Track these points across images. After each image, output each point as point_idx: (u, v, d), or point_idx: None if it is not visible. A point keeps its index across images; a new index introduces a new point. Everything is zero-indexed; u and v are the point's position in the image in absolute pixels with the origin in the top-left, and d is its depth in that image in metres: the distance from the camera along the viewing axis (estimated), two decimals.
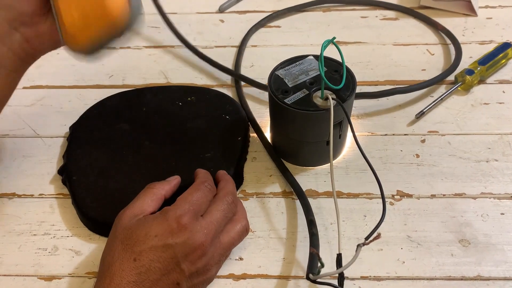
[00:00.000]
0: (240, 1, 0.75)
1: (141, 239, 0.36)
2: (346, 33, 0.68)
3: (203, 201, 0.40)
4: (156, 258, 0.36)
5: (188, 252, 0.37)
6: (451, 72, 0.59)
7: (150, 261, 0.36)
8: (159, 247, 0.36)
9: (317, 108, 0.45)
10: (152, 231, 0.37)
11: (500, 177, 0.50)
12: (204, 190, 0.41)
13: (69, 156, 0.51)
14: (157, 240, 0.36)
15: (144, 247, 0.36)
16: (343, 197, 0.49)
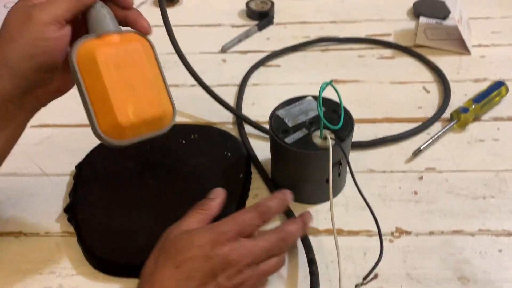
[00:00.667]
0: (242, 42, 0.78)
1: (185, 249, 0.38)
2: (344, 72, 0.70)
3: (249, 224, 0.41)
4: (196, 267, 0.38)
5: (226, 267, 0.38)
6: (440, 115, 0.62)
7: (190, 270, 0.37)
8: (201, 257, 0.38)
9: (317, 147, 0.47)
10: (196, 241, 0.39)
11: (497, 213, 0.50)
12: (253, 214, 0.41)
13: (75, 194, 0.52)
14: (199, 251, 0.38)
15: (187, 255, 0.38)
16: (343, 234, 0.49)
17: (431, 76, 0.69)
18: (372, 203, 0.52)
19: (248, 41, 0.78)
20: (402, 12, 0.83)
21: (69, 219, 0.51)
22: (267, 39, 0.78)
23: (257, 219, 0.41)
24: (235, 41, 0.77)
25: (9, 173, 0.57)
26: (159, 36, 0.79)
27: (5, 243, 0.50)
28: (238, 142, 0.58)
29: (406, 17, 0.82)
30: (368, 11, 0.83)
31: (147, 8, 0.87)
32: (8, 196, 0.55)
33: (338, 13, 0.83)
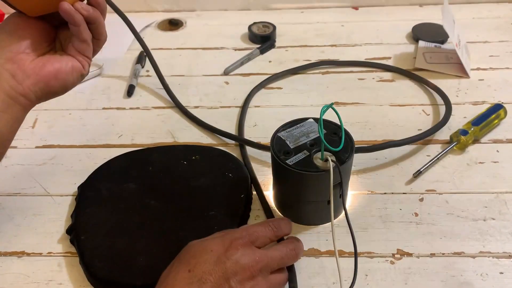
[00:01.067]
0: (244, 65, 0.79)
1: (198, 253, 0.40)
2: (345, 94, 0.71)
3: (261, 235, 0.43)
4: (208, 270, 0.39)
5: (238, 271, 0.40)
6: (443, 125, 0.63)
7: (203, 273, 0.39)
8: (213, 261, 0.40)
9: (318, 169, 0.47)
10: (209, 246, 0.41)
11: (498, 236, 0.51)
12: (266, 227, 0.44)
13: (77, 215, 0.52)
14: (212, 254, 0.40)
15: (199, 259, 0.40)
16: (345, 256, 0.50)
17: (430, 99, 0.70)
18: (373, 225, 0.52)
19: (250, 64, 0.79)
20: (401, 36, 0.84)
21: (71, 240, 0.51)
22: (269, 62, 0.80)
23: (269, 232, 0.44)
24: (238, 64, 0.78)
25: (13, 193, 0.58)
26: (163, 58, 0.81)
27: (8, 263, 0.50)
28: (239, 162, 0.58)
29: (405, 41, 0.83)
30: (368, 35, 0.85)
31: (150, 32, 0.89)
32: (12, 215, 0.55)
33: (339, 37, 0.85)
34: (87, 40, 0.47)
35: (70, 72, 0.47)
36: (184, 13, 0.94)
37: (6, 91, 0.44)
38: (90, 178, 0.57)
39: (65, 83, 0.47)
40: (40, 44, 0.46)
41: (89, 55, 0.48)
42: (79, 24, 0.45)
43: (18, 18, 0.46)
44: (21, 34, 0.45)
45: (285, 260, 0.44)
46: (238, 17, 0.92)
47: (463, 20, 0.86)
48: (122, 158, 0.60)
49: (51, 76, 0.46)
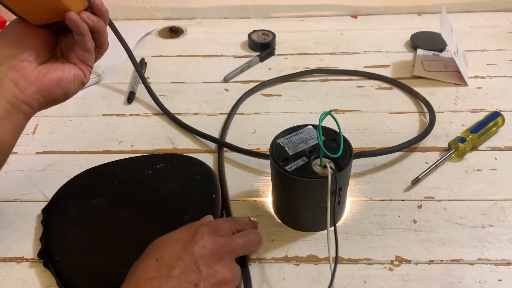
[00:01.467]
0: (244, 72, 0.80)
1: (165, 243, 0.42)
2: (343, 102, 0.72)
3: (224, 227, 0.46)
4: (176, 256, 0.40)
5: (205, 254, 0.41)
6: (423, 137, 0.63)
7: (171, 259, 0.40)
8: (180, 247, 0.41)
9: (316, 175, 0.48)
10: (175, 235, 0.43)
11: (496, 242, 0.51)
12: (229, 222, 0.48)
13: (47, 238, 0.51)
14: (179, 242, 0.42)
15: (167, 248, 0.41)
16: (343, 262, 0.50)
17: (427, 106, 0.70)
18: (372, 231, 0.53)
19: (250, 71, 0.80)
20: (400, 44, 0.85)
21: (45, 263, 0.50)
22: (268, 69, 0.80)
23: (231, 225, 0.47)
24: (238, 71, 0.79)
25: (13, 199, 0.58)
26: (164, 65, 0.82)
27: (7, 268, 0.50)
28: (205, 165, 0.59)
29: (404, 49, 0.84)
30: (367, 43, 0.86)
31: (151, 39, 0.90)
32: (11, 221, 0.55)
33: (338, 45, 0.86)
34: (91, 50, 0.47)
35: (72, 80, 0.47)
36: (184, 21, 0.95)
37: (8, 99, 0.45)
38: (53, 199, 0.56)
39: (67, 91, 0.48)
40: (42, 52, 0.47)
41: (91, 63, 0.49)
42: (84, 34, 0.45)
43: (21, 25, 0.46)
44: (24, 42, 0.46)
45: (249, 246, 0.47)
46: (238, 25, 0.92)
47: (461, 28, 0.87)
48: (84, 175, 0.59)
49: (53, 84, 0.46)
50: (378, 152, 0.60)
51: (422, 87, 0.73)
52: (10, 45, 0.45)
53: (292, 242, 0.52)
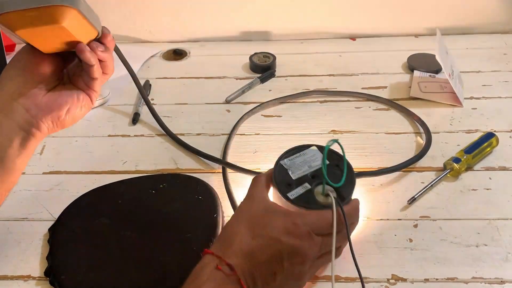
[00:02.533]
0: (245, 93, 0.82)
1: (262, 224, 0.45)
2: (342, 122, 0.74)
3: (325, 228, 0.46)
4: (268, 244, 0.44)
5: (292, 255, 0.44)
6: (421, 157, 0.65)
7: (263, 245, 0.44)
8: (273, 238, 0.44)
9: (319, 204, 0.48)
10: (273, 222, 0.45)
11: (490, 261, 0.52)
12: (329, 222, 0.46)
13: (53, 257, 0.53)
14: (274, 231, 0.44)
15: (263, 232, 0.45)
16: (340, 281, 0.51)
17: (424, 127, 0.72)
18: (369, 250, 0.54)
19: (251, 92, 0.82)
20: (397, 66, 0.87)
21: (51, 282, 0.51)
22: (269, 90, 0.82)
23: (330, 226, 0.46)
24: (239, 92, 0.81)
25: (20, 218, 0.60)
26: (168, 86, 0.84)
27: (14, 286, 0.52)
28: (207, 185, 0.61)
29: (401, 71, 0.86)
30: (365, 65, 0.88)
31: (156, 61, 0.93)
32: (19, 240, 0.57)
33: (336, 67, 0.88)
34: (98, 78, 0.50)
35: (80, 106, 0.50)
36: (188, 44, 0.98)
37: (20, 125, 0.47)
38: (59, 219, 0.58)
39: (75, 116, 0.51)
40: (51, 78, 0.49)
41: (98, 89, 0.51)
42: (93, 64, 0.48)
43: (32, 53, 0.48)
44: (34, 70, 0.48)
45: (337, 245, 0.47)
46: (240, 47, 0.95)
47: (457, 50, 0.89)
48: (89, 195, 0.61)
49: (62, 111, 0.49)
50: (376, 172, 0.62)
51: (419, 108, 0.75)
52: (21, 73, 0.47)
53: None
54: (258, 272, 0.44)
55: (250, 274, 0.43)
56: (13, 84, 0.47)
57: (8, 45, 0.92)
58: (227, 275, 0.42)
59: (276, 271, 0.44)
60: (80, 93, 0.50)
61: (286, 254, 0.44)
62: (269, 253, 0.44)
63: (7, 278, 0.52)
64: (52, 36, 0.45)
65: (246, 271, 0.43)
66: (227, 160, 0.67)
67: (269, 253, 0.44)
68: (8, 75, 0.48)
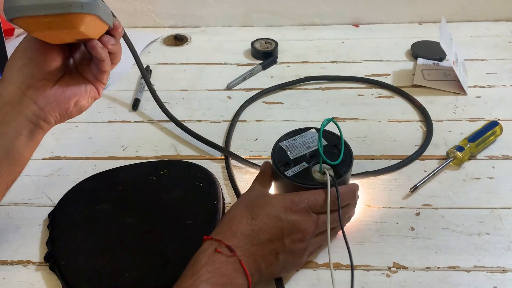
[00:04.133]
0: (247, 80, 0.81)
1: (261, 204, 0.46)
2: (344, 110, 0.73)
3: (320, 204, 0.47)
4: (268, 223, 0.45)
5: (293, 231, 0.45)
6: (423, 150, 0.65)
7: (263, 224, 0.45)
8: (272, 216, 0.45)
9: (315, 182, 0.49)
10: (272, 201, 0.46)
11: (492, 250, 0.52)
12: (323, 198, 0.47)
13: (53, 242, 0.52)
14: (273, 209, 0.45)
15: (261, 211, 0.45)
16: (341, 268, 0.51)
17: (427, 115, 0.72)
18: (370, 238, 0.54)
19: (253, 79, 0.81)
20: (400, 53, 0.86)
21: (51, 267, 0.51)
22: (270, 77, 0.82)
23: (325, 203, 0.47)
24: (240, 79, 0.80)
25: (20, 203, 0.59)
26: (168, 72, 0.83)
27: (14, 271, 0.52)
28: (207, 171, 0.60)
29: (404, 58, 0.85)
30: (368, 52, 0.87)
31: (156, 47, 0.92)
32: (18, 226, 0.57)
33: (339, 53, 0.87)
34: (108, 71, 0.49)
35: (87, 98, 0.50)
36: (189, 29, 0.97)
37: (28, 117, 0.46)
38: (59, 204, 0.57)
39: (82, 107, 0.50)
40: (59, 68, 0.48)
41: (106, 81, 0.51)
42: (104, 59, 0.47)
43: (38, 43, 0.46)
44: (42, 61, 0.46)
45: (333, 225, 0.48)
46: (242, 33, 0.94)
47: (461, 38, 0.88)
48: (89, 181, 0.60)
49: (70, 103, 0.48)
50: (379, 171, 0.61)
51: (422, 96, 0.75)
52: (29, 63, 0.46)
53: None
54: (260, 252, 0.44)
55: (252, 255, 0.43)
56: (21, 75, 0.46)
57: (7, 29, 0.91)
58: (227, 257, 0.42)
59: (278, 249, 0.45)
60: (88, 85, 0.49)
61: (287, 231, 0.45)
62: (270, 231, 0.44)
63: (6, 263, 0.52)
64: (65, 35, 0.44)
65: (246, 252, 0.43)
66: (229, 148, 0.67)
67: (270, 232, 0.44)
68: (16, 65, 0.46)
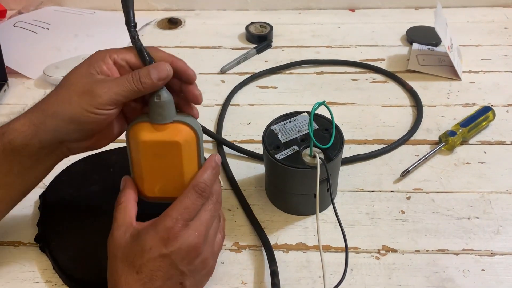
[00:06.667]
0: (241, 64, 0.81)
1: (138, 254, 0.40)
2: (338, 94, 0.73)
3: (193, 208, 0.41)
4: (156, 267, 0.39)
5: (184, 256, 0.40)
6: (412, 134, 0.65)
7: (151, 271, 0.39)
8: (157, 257, 0.39)
9: (305, 165, 0.49)
10: (147, 244, 0.40)
11: (481, 234, 0.52)
12: (193, 196, 0.42)
13: (43, 223, 0.52)
14: (152, 252, 0.40)
15: (143, 260, 0.40)
16: (331, 251, 0.51)
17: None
18: (360, 221, 0.54)
19: (247, 63, 0.81)
20: (395, 39, 0.86)
21: (41, 248, 0.51)
22: (265, 61, 0.81)
23: (198, 199, 0.42)
24: (234, 63, 0.80)
25: None
26: None
27: (5, 252, 0.52)
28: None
29: (399, 43, 0.85)
30: (363, 37, 0.86)
31: (150, 30, 0.91)
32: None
33: (334, 38, 0.86)
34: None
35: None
36: (183, 12, 0.96)
37: (58, 158, 0.45)
38: (51, 186, 0.57)
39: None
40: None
41: None
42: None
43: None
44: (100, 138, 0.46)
45: (216, 214, 0.43)
46: (236, 17, 0.93)
47: (457, 23, 0.88)
48: (80, 163, 0.60)
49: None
50: (369, 155, 0.61)
51: (416, 81, 0.74)
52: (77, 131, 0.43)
53: (282, 230, 0.53)
54: None
55: None
56: (62, 134, 0.42)
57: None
58: None
59: (180, 280, 0.41)
60: (125, 126, 0.47)
61: (178, 260, 0.40)
62: (161, 274, 0.40)
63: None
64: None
65: None
66: (221, 131, 0.67)
67: (162, 274, 0.40)
68: (62, 116, 0.42)
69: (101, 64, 0.42)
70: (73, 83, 0.42)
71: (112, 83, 0.41)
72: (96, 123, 0.42)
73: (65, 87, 0.42)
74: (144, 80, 0.41)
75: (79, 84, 0.42)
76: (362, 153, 0.61)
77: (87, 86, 0.41)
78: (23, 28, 0.86)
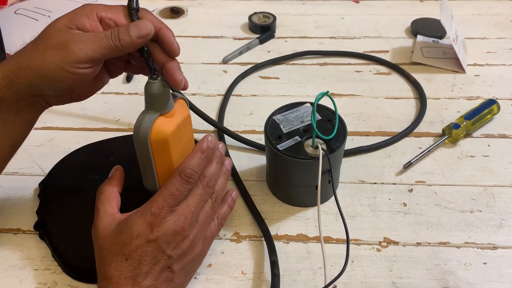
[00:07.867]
0: (243, 54, 0.80)
1: (126, 242, 0.40)
2: (341, 86, 0.72)
3: (179, 194, 0.41)
4: (144, 253, 0.40)
5: (170, 240, 0.40)
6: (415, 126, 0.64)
7: (140, 257, 0.40)
8: (143, 244, 0.40)
9: (307, 156, 0.48)
10: (134, 232, 0.40)
11: (484, 227, 0.52)
12: (179, 183, 0.41)
13: (43, 211, 0.52)
14: (140, 239, 0.40)
15: (131, 247, 0.40)
16: (332, 242, 0.51)
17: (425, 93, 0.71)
18: (362, 213, 0.53)
19: (249, 53, 0.80)
20: (400, 30, 0.85)
21: (41, 235, 0.51)
22: (267, 52, 0.80)
23: (184, 185, 0.41)
24: (237, 53, 0.79)
25: (11, 173, 0.59)
26: None
27: (4, 239, 0.51)
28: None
29: (404, 35, 0.84)
30: (367, 28, 0.86)
31: None
32: (9, 194, 0.56)
33: (338, 29, 0.85)
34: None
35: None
36: (186, 1, 0.95)
37: (30, 119, 0.44)
38: (50, 174, 0.56)
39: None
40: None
41: None
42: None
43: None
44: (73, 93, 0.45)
45: (205, 198, 0.43)
46: (239, 6, 0.92)
47: (462, 16, 0.87)
48: (81, 151, 0.59)
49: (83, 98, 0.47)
50: (371, 147, 0.61)
51: (420, 73, 0.74)
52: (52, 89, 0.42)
53: (283, 221, 0.53)
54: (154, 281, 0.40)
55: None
56: (43, 89, 0.41)
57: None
58: None
59: (168, 264, 0.40)
60: (107, 80, 0.47)
61: (165, 244, 0.40)
62: (149, 259, 0.40)
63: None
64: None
65: None
66: (223, 121, 0.66)
67: (149, 259, 0.40)
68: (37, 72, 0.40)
69: (84, 19, 0.40)
70: (49, 37, 0.40)
71: (88, 39, 0.39)
72: (72, 82, 0.40)
73: (41, 40, 0.40)
74: (122, 37, 0.39)
75: (55, 39, 0.39)
76: (365, 145, 0.61)
77: (62, 41, 0.39)
78: (24, 15, 0.86)
